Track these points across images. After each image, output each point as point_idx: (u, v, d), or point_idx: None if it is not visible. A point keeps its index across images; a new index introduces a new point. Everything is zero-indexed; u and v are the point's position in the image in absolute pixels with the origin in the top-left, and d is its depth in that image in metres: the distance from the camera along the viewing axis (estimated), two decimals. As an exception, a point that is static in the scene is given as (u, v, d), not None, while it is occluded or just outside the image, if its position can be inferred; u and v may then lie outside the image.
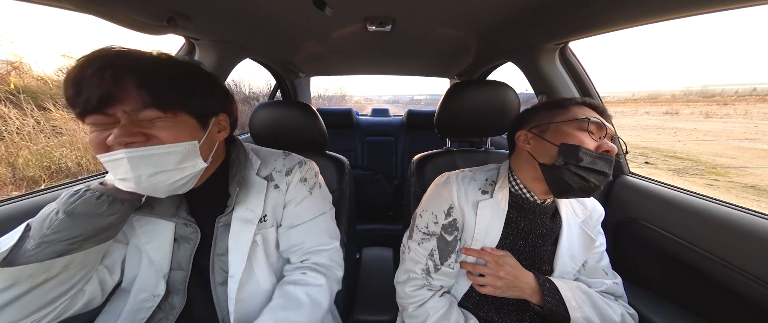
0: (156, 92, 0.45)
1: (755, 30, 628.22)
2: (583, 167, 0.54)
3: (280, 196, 0.65)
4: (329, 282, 0.64)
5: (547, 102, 0.65)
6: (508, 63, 1.28)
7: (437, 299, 0.65)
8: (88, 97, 0.42)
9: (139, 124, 0.45)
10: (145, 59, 0.46)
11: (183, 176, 0.49)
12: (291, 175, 0.66)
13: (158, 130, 0.46)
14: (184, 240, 0.60)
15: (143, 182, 0.46)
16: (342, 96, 13.93)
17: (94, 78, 0.42)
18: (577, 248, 0.65)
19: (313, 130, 0.92)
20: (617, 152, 0.57)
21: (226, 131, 0.59)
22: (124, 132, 0.43)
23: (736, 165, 6.58)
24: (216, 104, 0.55)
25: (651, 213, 0.84)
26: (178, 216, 0.58)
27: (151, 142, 0.46)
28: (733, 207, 0.70)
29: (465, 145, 1.74)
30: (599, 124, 0.57)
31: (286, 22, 0.94)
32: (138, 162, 0.44)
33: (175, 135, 0.47)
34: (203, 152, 0.52)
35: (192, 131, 0.50)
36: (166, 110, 0.46)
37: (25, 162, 3.30)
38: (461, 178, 0.69)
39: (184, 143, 0.48)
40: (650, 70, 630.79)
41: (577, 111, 0.59)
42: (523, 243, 0.65)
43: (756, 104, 18.45)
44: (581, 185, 0.55)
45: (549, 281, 0.61)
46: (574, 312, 0.58)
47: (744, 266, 0.62)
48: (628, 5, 0.65)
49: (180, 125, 0.48)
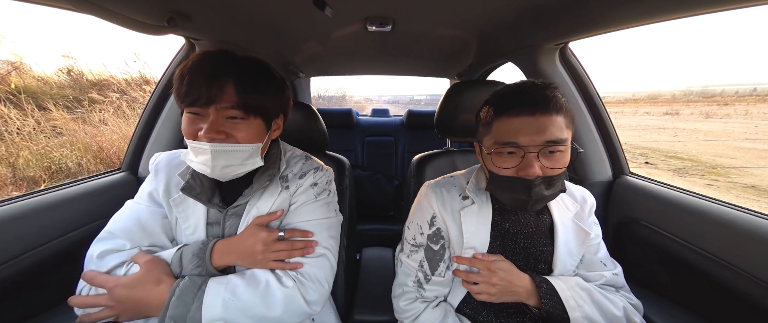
0: (245, 97, 0.54)
1: (755, 30, 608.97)
2: (506, 191, 0.58)
3: (287, 197, 0.65)
4: (294, 292, 0.56)
5: (482, 110, 0.62)
6: (508, 63, 1.28)
7: (431, 310, 0.65)
8: (197, 97, 0.52)
9: (223, 122, 0.54)
10: (244, 65, 0.56)
11: (245, 169, 0.59)
12: (303, 179, 0.67)
13: (236, 130, 0.55)
14: (216, 224, 0.63)
15: (217, 171, 0.56)
16: (342, 96, 13.93)
17: (203, 83, 0.51)
18: (574, 244, 0.64)
19: (314, 130, 0.92)
20: (618, 150, 0.56)
21: (280, 130, 0.68)
22: (212, 128, 0.52)
23: (736, 166, 6.57)
24: (280, 107, 0.63)
25: (651, 213, 0.84)
26: (212, 202, 0.63)
27: (229, 140, 0.55)
28: (733, 207, 0.70)
29: (465, 145, 1.74)
30: (514, 146, 0.54)
31: (286, 23, 0.94)
32: (218, 155, 0.54)
33: (248, 135, 0.56)
34: (262, 150, 0.62)
35: (259, 132, 0.59)
36: (247, 113, 0.55)
37: (26, 163, 3.30)
38: (441, 186, 0.69)
39: (253, 144, 0.57)
40: (650, 70, 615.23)
41: (498, 128, 0.56)
42: (513, 244, 0.65)
43: (756, 104, 18.45)
44: (516, 204, 0.60)
45: (546, 282, 0.60)
46: (573, 312, 0.57)
47: (744, 266, 0.62)
48: (628, 5, 0.65)
49: (252, 127, 0.57)
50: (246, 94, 0.54)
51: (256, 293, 0.54)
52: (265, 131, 0.60)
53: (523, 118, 0.53)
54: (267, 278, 0.56)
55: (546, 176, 0.54)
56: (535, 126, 0.53)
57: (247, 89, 0.54)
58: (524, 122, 0.53)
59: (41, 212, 0.73)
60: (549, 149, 0.53)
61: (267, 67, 0.60)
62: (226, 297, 0.52)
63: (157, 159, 0.68)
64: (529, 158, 0.53)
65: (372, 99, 20.60)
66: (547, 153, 0.54)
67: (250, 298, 0.53)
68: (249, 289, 0.54)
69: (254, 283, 0.55)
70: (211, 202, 0.62)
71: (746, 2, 0.53)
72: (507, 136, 0.55)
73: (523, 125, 0.53)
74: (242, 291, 0.54)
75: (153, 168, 0.67)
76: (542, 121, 0.53)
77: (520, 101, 0.54)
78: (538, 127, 0.53)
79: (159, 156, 0.69)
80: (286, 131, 0.91)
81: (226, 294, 0.53)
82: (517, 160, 0.55)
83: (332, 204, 0.70)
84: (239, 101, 0.53)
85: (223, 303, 0.52)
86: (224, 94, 0.52)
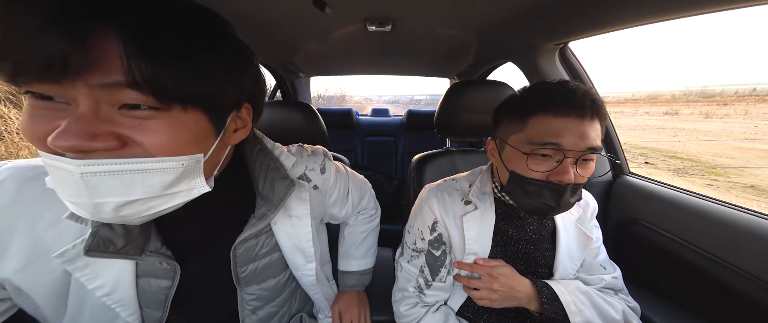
0: (155, 62, 0.27)
1: (755, 30, 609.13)
2: (530, 195, 0.52)
3: (321, 197, 0.60)
4: (375, 217, 0.80)
5: (513, 104, 0.57)
6: (508, 63, 1.28)
7: (432, 315, 0.64)
8: (22, 58, 0.24)
9: (108, 114, 0.28)
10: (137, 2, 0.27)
11: (170, 205, 0.34)
12: (326, 173, 0.61)
13: (144, 132, 0.29)
14: (152, 277, 0.43)
15: (106, 213, 0.30)
16: (342, 96, 13.92)
17: (32, 21, 0.24)
18: (575, 248, 0.64)
19: (314, 130, 0.92)
20: (618, 150, 0.55)
21: (246, 129, 0.42)
22: (83, 128, 0.27)
23: (735, 166, 6.58)
24: (241, 90, 0.37)
25: (651, 213, 0.84)
26: (147, 251, 0.40)
27: (127, 150, 0.29)
28: (733, 207, 0.70)
29: (465, 145, 1.74)
30: (555, 148, 0.49)
31: (286, 23, 0.94)
32: (101, 182, 0.28)
33: (170, 141, 0.30)
34: (210, 164, 0.37)
35: (198, 134, 0.33)
36: (165, 100, 0.28)
37: (25, 163, 3.30)
38: (442, 190, 0.67)
39: (184, 157, 0.31)
40: (650, 70, 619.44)
41: (536, 126, 0.51)
42: (515, 250, 0.64)
43: (756, 104, 18.45)
44: (534, 210, 0.54)
45: (547, 286, 0.59)
46: (574, 317, 0.56)
47: (744, 266, 0.62)
48: (628, 5, 0.65)
49: (181, 125, 0.31)
50: (150, 51, 0.26)
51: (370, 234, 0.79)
52: (211, 132, 0.35)
53: (570, 120, 0.49)
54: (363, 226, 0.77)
55: (576, 183, 0.50)
56: (579, 130, 0.48)
57: (152, 41, 0.27)
58: (570, 124, 0.49)
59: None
60: (584, 157, 0.50)
61: (209, 15, 0.33)
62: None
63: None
64: (566, 163, 0.49)
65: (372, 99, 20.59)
66: (581, 160, 0.50)
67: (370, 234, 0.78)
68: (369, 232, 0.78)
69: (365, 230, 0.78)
70: (145, 252, 0.40)
71: (746, 2, 0.53)
72: (548, 135, 0.49)
73: (568, 127, 0.49)
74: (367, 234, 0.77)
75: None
76: (586, 126, 0.49)
77: (570, 102, 0.49)
78: (581, 132, 0.48)
79: (1, 173, 0.38)
80: (287, 131, 0.92)
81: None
82: (552, 164, 0.50)
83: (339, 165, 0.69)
84: (142, 68, 0.26)
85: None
86: (94, 48, 0.25)
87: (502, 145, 0.57)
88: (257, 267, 0.52)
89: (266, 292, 0.54)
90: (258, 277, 0.53)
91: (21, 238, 0.36)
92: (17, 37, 0.24)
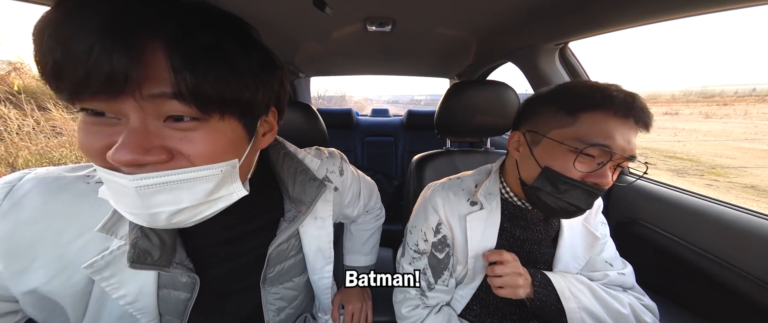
0: (198, 71, 0.27)
1: (755, 30, 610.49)
2: (560, 194, 0.50)
3: (340, 198, 0.62)
4: (381, 217, 0.83)
5: (560, 96, 0.53)
6: (508, 63, 1.28)
7: (433, 316, 0.63)
8: (84, 75, 0.24)
9: (158, 128, 0.29)
10: (184, 7, 0.28)
11: (214, 210, 0.35)
12: (344, 174, 0.62)
13: (188, 143, 0.30)
14: (173, 289, 0.43)
15: (161, 221, 0.32)
16: (342, 96, 13.93)
17: (89, 39, 0.24)
18: (580, 247, 0.62)
19: (314, 131, 0.92)
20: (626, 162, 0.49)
21: (272, 132, 0.42)
22: (138, 142, 0.28)
23: (735, 166, 6.58)
24: (270, 93, 0.37)
25: (651, 213, 0.84)
26: (174, 263, 0.41)
27: (174, 162, 0.30)
28: (733, 207, 0.70)
29: (465, 145, 1.74)
30: (604, 149, 0.46)
31: (286, 23, 0.94)
32: (153, 194, 0.30)
33: (211, 150, 0.31)
34: (245, 168, 0.38)
35: (234, 141, 0.34)
36: (206, 110, 0.29)
37: (25, 163, 3.30)
38: (447, 189, 0.64)
39: (222, 164, 0.33)
40: (650, 70, 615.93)
41: (590, 123, 0.48)
42: (519, 251, 0.62)
43: (755, 104, 18.47)
44: (558, 210, 0.51)
45: (541, 273, 0.58)
46: (568, 302, 0.54)
47: (744, 266, 0.62)
48: (628, 5, 0.65)
49: (220, 133, 0.32)
50: (198, 72, 0.27)
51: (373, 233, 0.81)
52: (244, 137, 0.36)
53: (627, 124, 0.47)
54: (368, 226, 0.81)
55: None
56: (628, 136, 0.47)
57: (200, 61, 0.27)
58: (624, 128, 0.47)
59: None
60: (621, 163, 0.49)
61: (239, 22, 0.34)
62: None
63: (22, 190, 0.37)
64: (607, 166, 0.48)
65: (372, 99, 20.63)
66: (617, 166, 0.49)
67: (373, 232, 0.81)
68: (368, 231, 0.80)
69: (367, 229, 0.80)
70: (173, 263, 0.41)
71: (746, 2, 0.53)
72: (601, 136, 0.47)
73: (622, 131, 0.47)
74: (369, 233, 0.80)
75: (13, 215, 0.35)
76: (633, 133, 0.48)
77: (632, 106, 0.47)
78: (630, 138, 0.47)
79: (24, 184, 0.37)
80: (287, 131, 0.91)
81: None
82: (593, 165, 0.48)
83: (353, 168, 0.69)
84: (188, 80, 0.27)
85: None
86: (143, 66, 0.26)
87: (537, 138, 0.53)
88: (283, 267, 0.54)
89: (289, 292, 0.56)
90: (282, 278, 0.55)
91: (47, 250, 0.36)
92: (77, 55, 0.24)
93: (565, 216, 0.54)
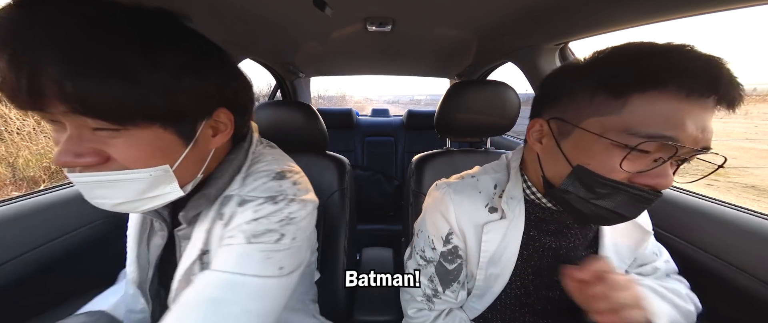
0: (85, 93, 0.28)
1: (755, 30, 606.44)
2: (598, 199, 0.37)
3: (220, 230, 0.43)
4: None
5: (597, 69, 0.38)
6: (508, 63, 1.28)
7: (443, 319, 0.58)
8: (13, 88, 0.28)
9: (87, 134, 0.33)
10: (71, 25, 0.28)
11: (153, 205, 0.38)
12: (243, 207, 0.42)
13: (114, 148, 0.33)
14: (153, 234, 0.51)
15: (108, 207, 0.37)
16: (342, 96, 13.94)
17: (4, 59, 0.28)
18: (625, 247, 0.51)
19: (314, 131, 0.92)
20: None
21: (228, 131, 0.43)
22: (70, 148, 0.32)
23: (736, 166, 6.57)
24: (207, 99, 0.38)
25: (652, 213, 0.84)
26: (160, 213, 0.48)
27: (111, 163, 0.34)
28: (733, 207, 0.70)
29: (465, 145, 1.74)
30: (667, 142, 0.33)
31: (286, 23, 0.94)
32: (93, 189, 0.35)
33: (136, 155, 0.34)
34: (186, 170, 0.39)
35: (162, 147, 0.36)
36: (115, 121, 0.31)
37: (25, 163, 3.30)
38: (461, 192, 0.53)
39: (150, 169, 0.35)
40: None
41: (646, 109, 0.33)
42: (553, 261, 0.51)
43: (756, 104, 18.43)
44: (593, 217, 0.39)
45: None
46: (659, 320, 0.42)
47: (744, 266, 0.62)
48: (628, 5, 0.65)
49: (141, 141, 0.34)
50: (89, 91, 0.28)
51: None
52: (179, 142, 0.36)
53: (703, 104, 0.33)
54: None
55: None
56: (705, 121, 0.33)
57: (89, 82, 0.28)
58: (700, 111, 0.33)
59: (41, 212, 0.73)
60: (688, 158, 0.36)
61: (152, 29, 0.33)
62: None
63: None
64: (666, 164, 0.35)
65: (372, 99, 20.60)
66: (680, 161, 0.37)
67: None
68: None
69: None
70: (158, 213, 0.48)
71: (746, 2, 0.53)
72: (664, 125, 0.33)
73: (696, 115, 0.33)
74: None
75: None
76: (710, 115, 0.34)
77: (718, 79, 0.32)
78: (705, 124, 0.34)
79: None
80: (287, 131, 0.92)
81: None
82: (647, 163, 0.35)
83: (274, 259, 0.40)
84: (77, 99, 0.28)
85: None
86: (44, 87, 0.28)
87: (568, 128, 0.40)
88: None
89: None
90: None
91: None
92: (3, 71, 0.28)
93: (603, 223, 0.43)
